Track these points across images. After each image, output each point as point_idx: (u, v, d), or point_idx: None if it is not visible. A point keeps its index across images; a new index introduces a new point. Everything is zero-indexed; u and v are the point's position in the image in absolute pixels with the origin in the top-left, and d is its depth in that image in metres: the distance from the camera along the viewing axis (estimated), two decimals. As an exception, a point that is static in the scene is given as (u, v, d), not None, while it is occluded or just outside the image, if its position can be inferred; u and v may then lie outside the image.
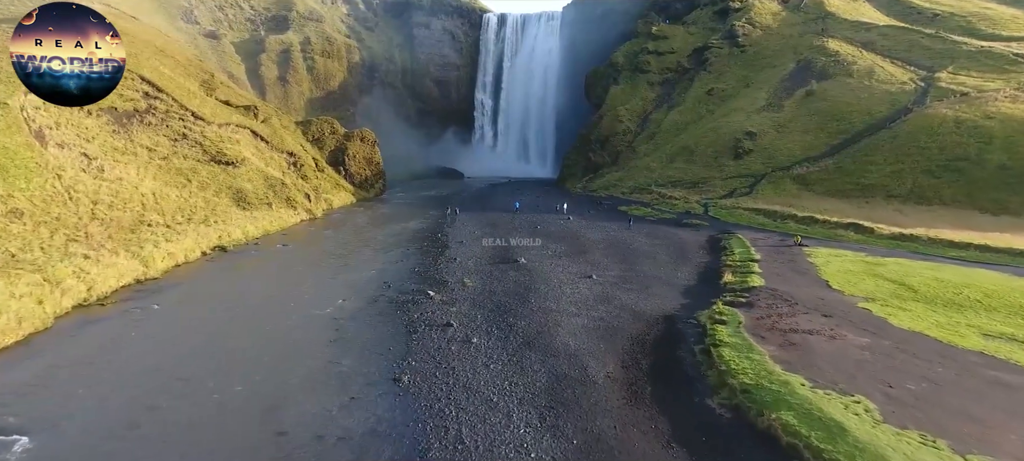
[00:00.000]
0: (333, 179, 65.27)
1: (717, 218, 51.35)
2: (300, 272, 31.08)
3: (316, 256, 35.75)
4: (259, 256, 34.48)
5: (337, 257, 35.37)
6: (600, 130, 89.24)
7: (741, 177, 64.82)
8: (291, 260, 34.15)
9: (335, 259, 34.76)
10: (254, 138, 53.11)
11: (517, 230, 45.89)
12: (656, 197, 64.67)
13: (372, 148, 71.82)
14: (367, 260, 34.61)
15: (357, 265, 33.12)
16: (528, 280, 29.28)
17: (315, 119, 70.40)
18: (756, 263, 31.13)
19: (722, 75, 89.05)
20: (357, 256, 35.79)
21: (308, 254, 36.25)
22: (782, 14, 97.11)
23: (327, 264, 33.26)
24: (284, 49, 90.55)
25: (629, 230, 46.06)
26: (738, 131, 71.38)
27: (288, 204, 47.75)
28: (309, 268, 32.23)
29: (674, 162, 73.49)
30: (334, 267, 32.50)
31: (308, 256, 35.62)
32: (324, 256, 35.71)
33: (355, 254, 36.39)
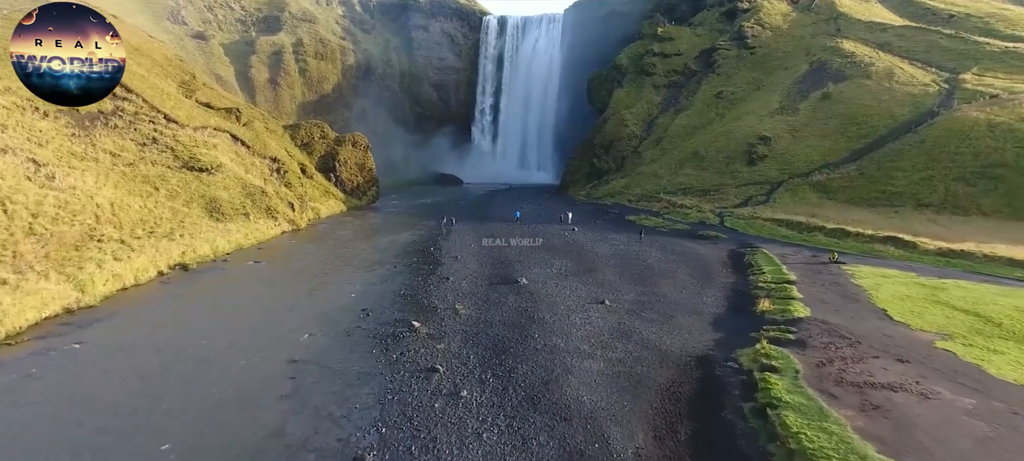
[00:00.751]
0: (322, 186, 61.06)
1: (735, 229, 47.02)
2: (267, 296, 26.74)
3: (290, 275, 31.42)
4: (224, 276, 30.15)
5: (314, 277, 31.04)
6: (604, 135, 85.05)
7: (756, 184, 60.52)
8: (260, 281, 29.82)
9: (311, 279, 30.43)
10: (234, 143, 48.89)
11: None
12: (666, 206, 60.35)
13: (364, 153, 67.63)
14: (347, 280, 30.29)
15: (335, 286, 28.80)
16: (530, 306, 24.95)
17: (304, 123, 66.29)
18: (793, 286, 26.78)
19: (731, 77, 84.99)
20: (337, 275, 31.46)
21: (281, 273, 31.92)
22: (792, 15, 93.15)
23: (301, 286, 28.93)
24: (276, 51, 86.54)
25: (641, 243, 41.75)
26: (751, 136, 67.15)
27: (268, 214, 43.47)
28: (279, 291, 27.90)
29: (683, 168, 69.23)
30: (308, 289, 28.18)
31: (281, 275, 31.29)
32: (299, 275, 31.38)
33: (335, 273, 32.06)
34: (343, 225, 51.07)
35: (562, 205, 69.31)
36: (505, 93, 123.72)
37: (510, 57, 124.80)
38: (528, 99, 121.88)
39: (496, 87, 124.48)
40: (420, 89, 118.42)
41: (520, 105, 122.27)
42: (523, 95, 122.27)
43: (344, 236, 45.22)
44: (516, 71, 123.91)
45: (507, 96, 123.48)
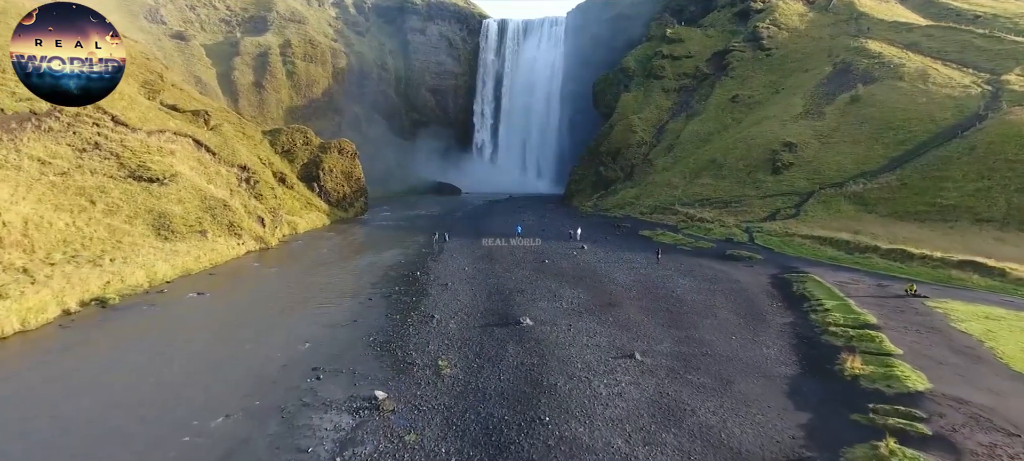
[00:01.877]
0: (303, 197, 54.86)
1: (769, 248, 40.65)
2: (191, 347, 20.38)
3: (235, 313, 25.05)
4: (149, 315, 23.77)
5: (265, 314, 24.69)
6: (611, 141, 78.88)
7: (783, 195, 54.19)
8: (193, 322, 23.46)
9: (261, 318, 24.08)
10: (197, 149, 42.69)
11: (519, 266, 35.27)
12: (683, 219, 53.99)
13: (352, 161, 61.44)
14: (307, 319, 23.95)
15: (289, 329, 22.45)
16: (537, 363, 18.61)
17: (285, 128, 60.19)
18: (879, 333, 20.40)
19: (747, 80, 78.89)
20: (295, 312, 25.11)
21: (226, 309, 25.56)
22: (809, 15, 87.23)
23: (243, 329, 22.57)
24: (261, 52, 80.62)
25: (660, 265, 35.39)
26: (774, 142, 60.89)
27: (230, 231, 37.17)
28: (212, 337, 21.56)
29: (700, 177, 62.93)
30: (252, 334, 21.82)
31: (224, 313, 24.93)
32: (247, 312, 25.01)
33: (294, 308, 25.71)
34: (322, 242, 44.76)
35: (566, 218, 63.03)
36: (505, 99, 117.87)
37: (511, 61, 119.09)
38: (529, 105, 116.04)
39: (496, 93, 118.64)
40: (417, 94, 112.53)
41: (521, 111, 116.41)
42: (524, 101, 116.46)
43: (320, 256, 38.87)
44: (517, 76, 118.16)
45: (508, 102, 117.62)
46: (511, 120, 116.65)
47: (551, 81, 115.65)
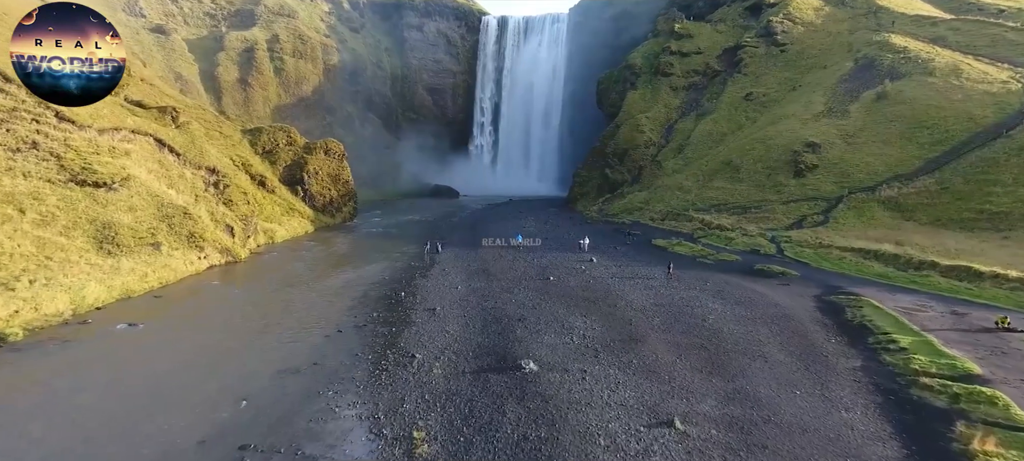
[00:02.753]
0: (285, 202, 49.99)
1: (803, 262, 35.70)
2: (77, 410, 15.46)
3: (165, 352, 20.10)
4: (50, 357, 18.84)
5: (204, 353, 19.79)
6: (617, 142, 73.95)
7: (808, 200, 49.24)
8: (101, 367, 18.55)
9: (196, 358, 19.18)
10: (158, 149, 37.77)
11: (520, 283, 30.38)
12: (699, 227, 49.06)
13: (339, 163, 56.54)
14: (254, 359, 19.06)
15: (225, 378, 17.55)
16: (545, 436, 13.74)
17: (267, 127, 55.32)
18: (992, 388, 15.48)
19: (760, 77, 73.95)
20: (243, 350, 20.21)
21: (154, 346, 20.61)
22: (825, 9, 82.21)
23: (166, 377, 17.66)
24: (247, 47, 75.73)
25: (681, 284, 30.48)
26: (795, 142, 55.94)
27: (190, 243, 32.24)
28: (115, 393, 16.63)
29: (714, 181, 57.99)
30: (173, 387, 16.91)
31: (149, 352, 19.98)
32: (180, 352, 20.07)
33: (243, 345, 20.80)
34: (300, 253, 39.85)
35: (570, 224, 58.12)
36: (505, 98, 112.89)
37: (511, 60, 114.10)
38: (530, 105, 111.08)
39: (496, 91, 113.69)
40: (413, 93, 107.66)
41: (522, 111, 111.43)
42: (525, 100, 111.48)
43: (293, 272, 33.95)
44: (517, 75, 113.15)
45: (507, 101, 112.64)
46: (511, 120, 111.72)
47: (553, 80, 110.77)
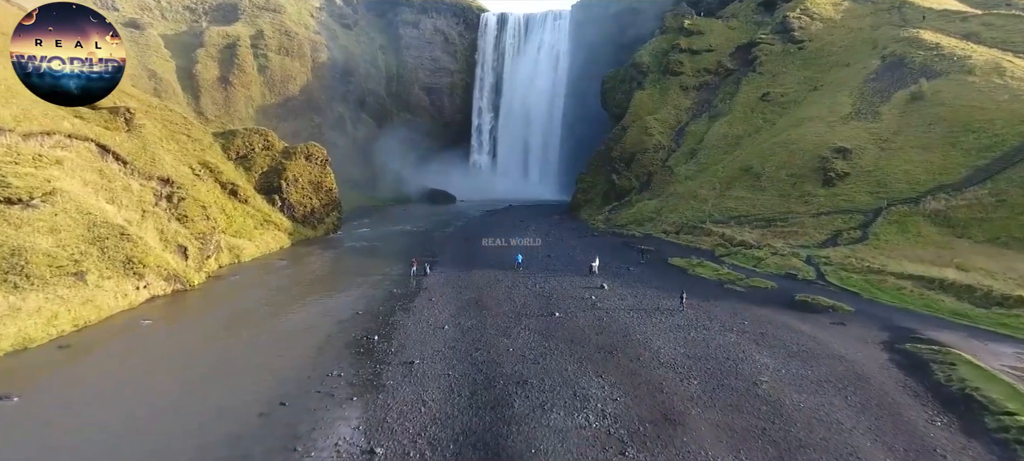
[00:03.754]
0: (260, 214, 44.55)
1: (849, 290, 30.19)
2: None
3: (19, 443, 14.62)
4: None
5: (66, 452, 14.33)
6: (624, 145, 68.43)
7: (842, 213, 43.68)
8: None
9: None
10: (100, 157, 32.29)
11: (520, 320, 24.95)
12: (720, 243, 43.54)
13: (322, 169, 51.06)
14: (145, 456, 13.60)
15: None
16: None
17: (242, 130, 49.85)
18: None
19: (778, 76, 68.41)
20: (131, 445, 14.74)
21: (7, 436, 15.13)
22: (844, 4, 76.62)
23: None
24: (229, 44, 70.24)
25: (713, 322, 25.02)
26: (822, 147, 50.38)
27: (127, 271, 26.78)
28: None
29: (733, 189, 52.44)
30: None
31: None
32: (39, 449, 14.60)
33: (137, 432, 15.33)
34: (267, 277, 34.37)
35: (575, 236, 52.65)
36: (505, 98, 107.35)
37: (511, 58, 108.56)
38: (531, 105, 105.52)
39: (495, 91, 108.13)
40: (409, 93, 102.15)
41: (522, 112, 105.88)
42: (525, 100, 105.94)
43: (249, 304, 28.47)
44: (518, 73, 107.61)
45: (507, 101, 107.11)
46: (511, 121, 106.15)
47: (555, 79, 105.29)
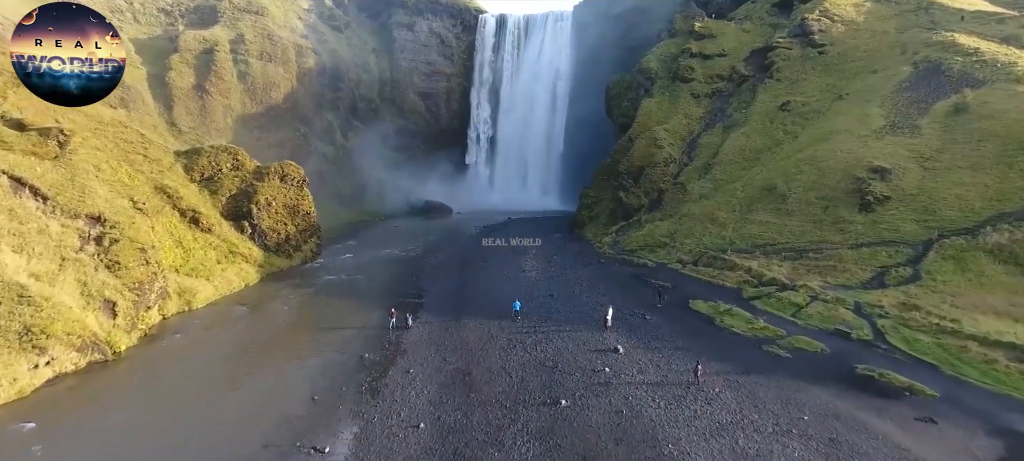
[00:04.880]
0: (226, 244, 38.83)
1: (921, 358, 24.30)
2: None
3: None
4: None
5: None
6: (632, 158, 62.54)
7: (885, 245, 37.76)
8: None
9: None
10: (14, 192, 26.49)
11: (518, 413, 19.14)
12: (745, 278, 37.65)
13: (299, 191, 45.29)
14: None
15: None
16: None
17: (208, 148, 44.00)
18: None
19: (797, 83, 62.48)
20: None
21: None
22: (866, 4, 70.54)
23: None
24: (206, 49, 64.35)
25: (763, 415, 19.29)
26: (857, 166, 44.49)
27: (22, 344, 21.10)
28: None
29: (755, 211, 46.57)
30: None
31: None
32: None
33: None
34: (215, 333, 28.56)
35: (581, 262, 46.90)
36: (504, 103, 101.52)
37: (511, 61, 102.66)
38: (532, 110, 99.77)
39: (494, 96, 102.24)
40: (404, 99, 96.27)
41: (522, 117, 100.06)
42: (526, 105, 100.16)
43: (180, 378, 22.69)
44: (518, 77, 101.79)
45: (507, 107, 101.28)
46: (510, 127, 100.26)
47: (556, 83, 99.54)
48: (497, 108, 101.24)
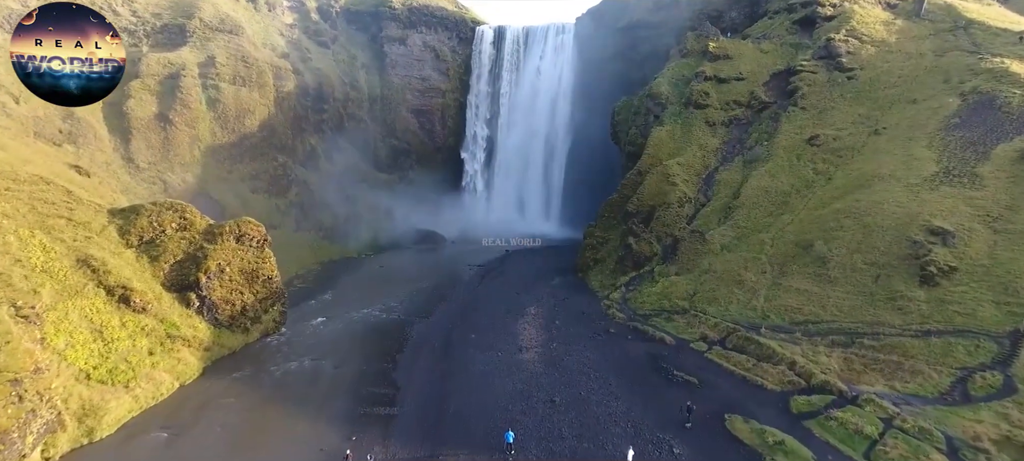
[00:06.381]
0: (165, 324, 31.73)
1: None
2: None
3: None
4: None
5: None
6: (642, 197, 55.07)
7: (958, 335, 30.42)
8: None
9: None
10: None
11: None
12: (788, 377, 30.21)
13: (259, 253, 37.97)
14: None
15: None
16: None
17: (149, 205, 36.61)
18: None
19: (825, 113, 55.05)
20: None
21: None
22: (896, 23, 62.95)
23: None
24: (172, 73, 56.92)
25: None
26: (910, 224, 37.11)
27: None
28: None
29: (789, 274, 39.18)
30: None
31: None
32: None
33: None
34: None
35: (586, 331, 39.67)
36: (503, 121, 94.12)
37: (509, 76, 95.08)
38: (531, 128, 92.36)
39: (492, 113, 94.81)
40: (396, 117, 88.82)
41: (521, 136, 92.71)
42: (525, 124, 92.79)
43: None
44: (517, 93, 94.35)
45: (505, 125, 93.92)
46: (509, 147, 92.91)
47: (557, 99, 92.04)
48: (495, 126, 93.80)
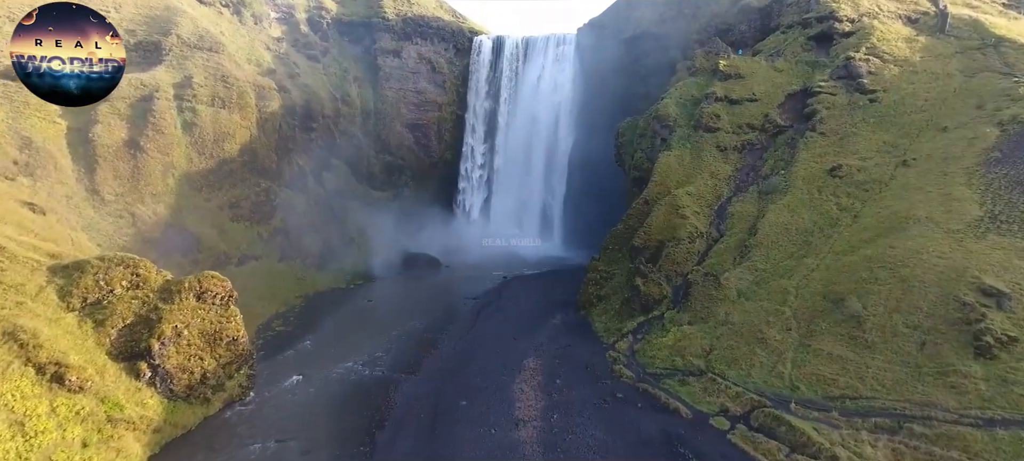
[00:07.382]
0: (103, 408, 27.39)
1: None
2: None
3: None
4: None
5: None
6: (650, 231, 50.20)
7: (1021, 420, 25.68)
8: None
9: None
10: None
11: None
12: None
13: (223, 311, 33.19)
14: None
15: None
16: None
17: (95, 261, 31.75)
18: None
19: (847, 139, 50.26)
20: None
21: None
22: (919, 40, 57.98)
23: None
24: (144, 96, 51.98)
25: None
26: (956, 280, 32.32)
27: None
28: None
29: (818, 334, 34.36)
30: None
31: None
32: None
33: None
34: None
35: (591, 392, 35.06)
36: (502, 135, 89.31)
37: (508, 88, 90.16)
38: (532, 144, 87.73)
39: (490, 128, 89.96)
40: (390, 132, 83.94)
41: (521, 151, 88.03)
42: (525, 138, 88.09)
43: None
44: (517, 107, 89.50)
45: (504, 139, 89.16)
46: (508, 163, 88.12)
47: (558, 112, 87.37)
48: (494, 141, 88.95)
